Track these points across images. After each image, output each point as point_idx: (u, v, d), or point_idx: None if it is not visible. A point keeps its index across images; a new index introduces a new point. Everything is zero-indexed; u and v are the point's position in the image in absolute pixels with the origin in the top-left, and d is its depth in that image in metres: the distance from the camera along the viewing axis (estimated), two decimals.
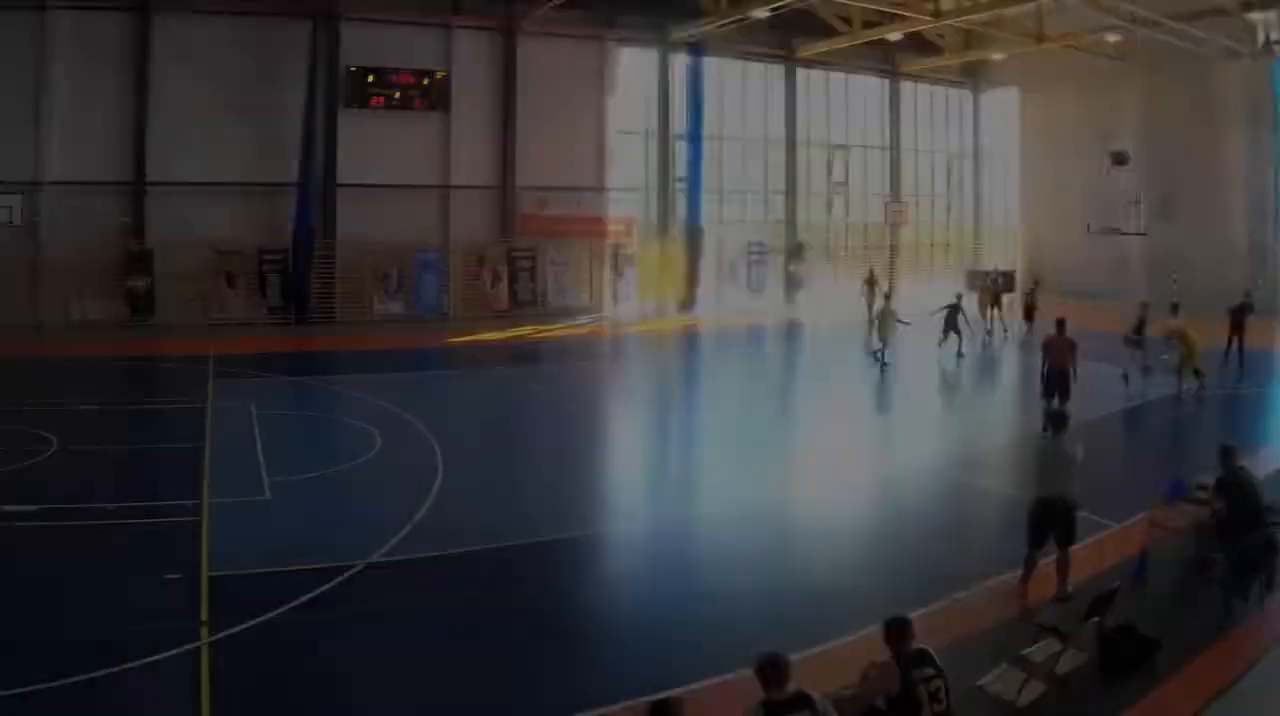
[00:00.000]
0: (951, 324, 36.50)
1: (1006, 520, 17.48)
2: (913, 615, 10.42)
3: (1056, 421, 15.76)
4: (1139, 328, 32.68)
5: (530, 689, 12.43)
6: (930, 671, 9.51)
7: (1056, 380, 25.36)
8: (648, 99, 53.20)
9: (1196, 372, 30.05)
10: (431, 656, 13.34)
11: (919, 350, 36.64)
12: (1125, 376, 32.02)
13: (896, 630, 9.83)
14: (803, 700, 8.73)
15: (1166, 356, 30.82)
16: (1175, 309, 34.17)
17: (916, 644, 9.77)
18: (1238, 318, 35.00)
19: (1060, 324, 26.53)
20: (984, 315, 41.60)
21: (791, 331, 48.22)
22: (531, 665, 13.05)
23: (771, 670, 8.77)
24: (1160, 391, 30.91)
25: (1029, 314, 41.55)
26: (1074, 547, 15.04)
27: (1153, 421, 28.60)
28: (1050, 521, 14.72)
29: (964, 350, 36.45)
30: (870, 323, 37.77)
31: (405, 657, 13.29)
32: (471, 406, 31.27)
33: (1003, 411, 30.17)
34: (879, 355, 34.90)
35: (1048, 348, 26.02)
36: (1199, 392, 30.09)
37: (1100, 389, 30.02)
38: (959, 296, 37.48)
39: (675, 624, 14.30)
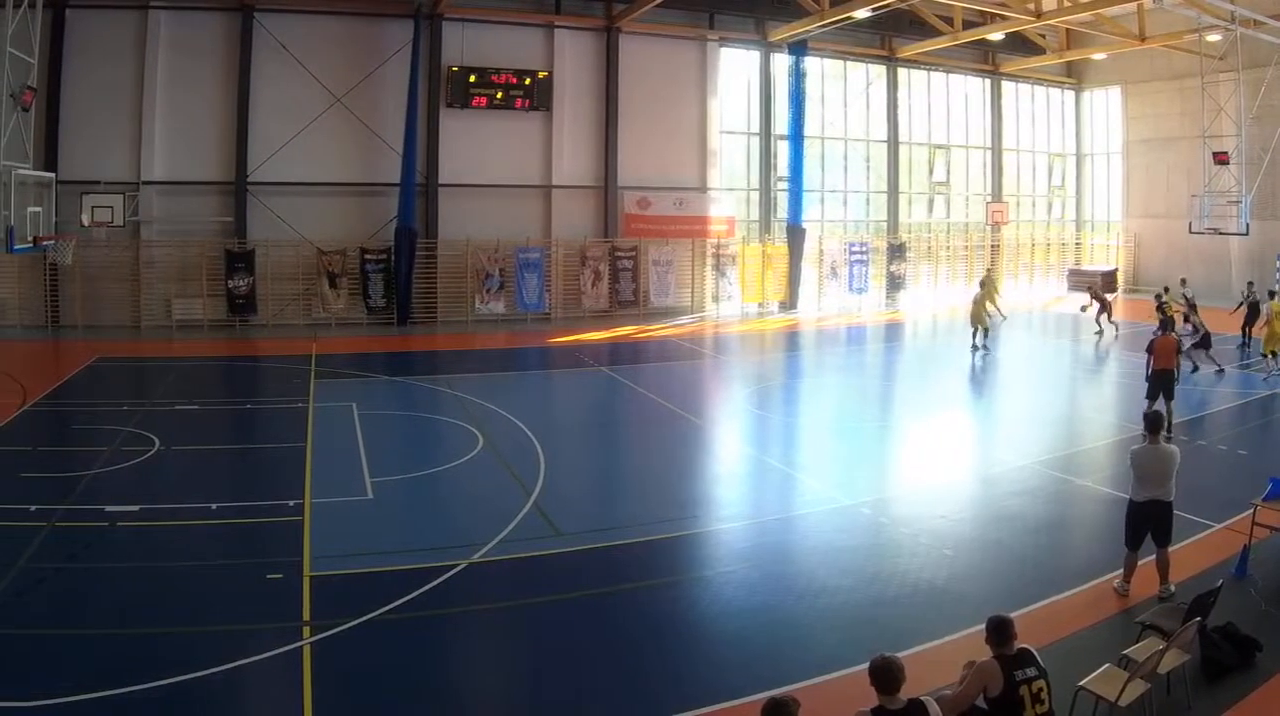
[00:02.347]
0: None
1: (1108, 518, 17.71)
2: (1014, 614, 10.44)
3: (1153, 422, 15.51)
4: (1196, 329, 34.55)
5: (636, 686, 12.40)
6: (1033, 672, 9.50)
7: (1162, 381, 25.01)
8: (749, 99, 52.90)
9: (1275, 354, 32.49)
10: (534, 656, 13.32)
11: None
12: (1195, 369, 33.10)
13: (1000, 630, 9.78)
14: (916, 710, 8.69)
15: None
16: (1273, 295, 35.45)
17: (1019, 643, 9.76)
18: None
19: (1164, 325, 26.80)
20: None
21: (899, 330, 47.56)
22: (636, 663, 13.03)
23: (885, 676, 8.68)
24: (1262, 389, 31.07)
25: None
26: (1176, 547, 15.18)
27: (1253, 419, 27.96)
28: (1148, 522, 14.72)
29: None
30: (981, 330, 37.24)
31: (507, 657, 13.45)
32: (574, 407, 31.05)
33: (1117, 411, 29.40)
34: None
35: (1152, 349, 25.52)
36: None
37: (1201, 388, 29.96)
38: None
39: (780, 622, 14.17)
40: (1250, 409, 29.16)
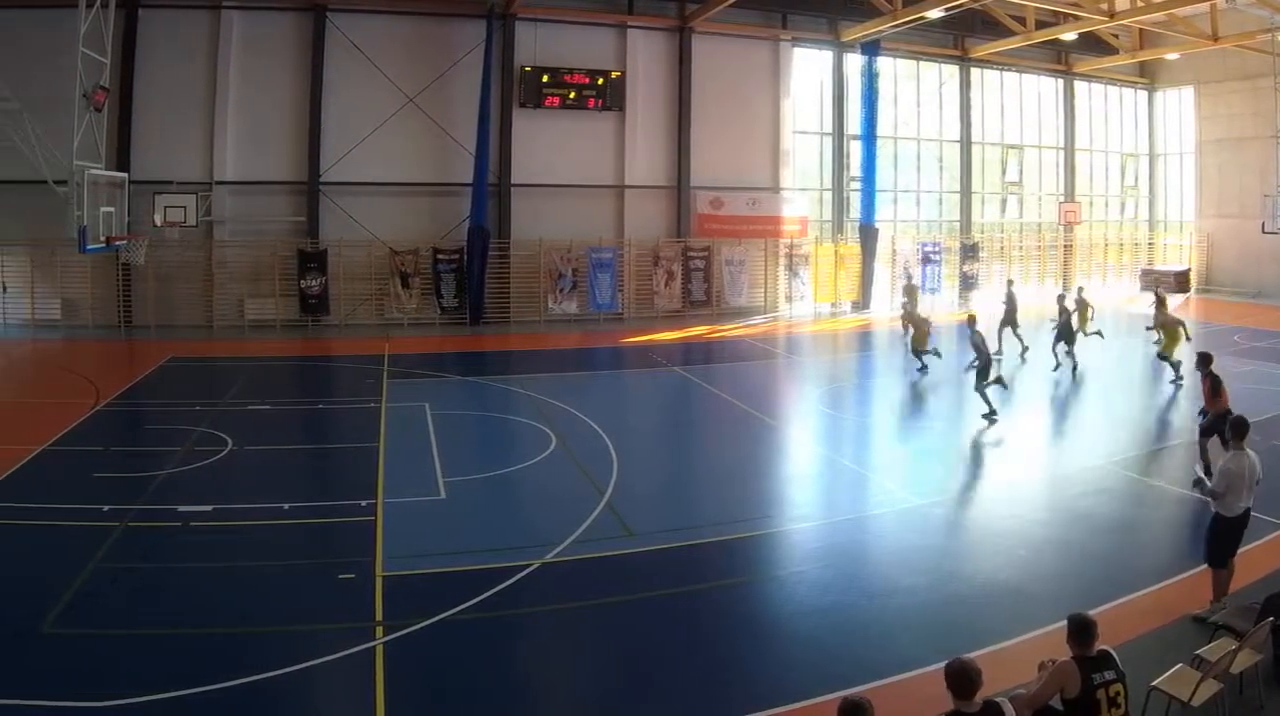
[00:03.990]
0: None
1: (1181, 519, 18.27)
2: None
3: (1240, 428, 14.44)
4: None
5: (709, 686, 12.31)
6: (1111, 675, 9.36)
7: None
8: (822, 99, 52.79)
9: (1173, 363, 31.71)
10: (606, 656, 13.40)
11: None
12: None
13: (1082, 630, 9.62)
14: (992, 712, 8.61)
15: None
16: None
17: (1099, 645, 9.60)
18: None
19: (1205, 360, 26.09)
20: None
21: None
22: (709, 662, 12.95)
23: (962, 680, 8.58)
24: None
25: None
26: (1246, 548, 14.89)
27: None
28: (1239, 535, 14.23)
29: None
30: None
31: (579, 657, 13.47)
32: (647, 407, 31.06)
33: (1185, 412, 29.03)
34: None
35: (1219, 392, 24.40)
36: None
37: (1263, 389, 29.67)
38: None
39: (853, 622, 14.22)
40: None
